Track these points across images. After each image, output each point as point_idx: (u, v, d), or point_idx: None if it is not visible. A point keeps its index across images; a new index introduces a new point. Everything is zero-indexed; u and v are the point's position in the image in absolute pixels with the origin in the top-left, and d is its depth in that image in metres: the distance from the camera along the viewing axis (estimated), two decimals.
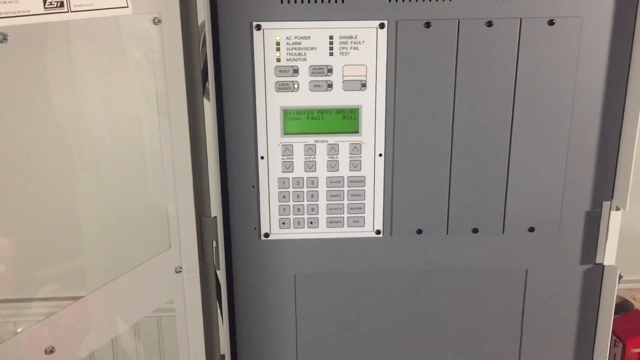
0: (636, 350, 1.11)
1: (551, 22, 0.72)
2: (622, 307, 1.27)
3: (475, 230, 0.80)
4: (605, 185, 0.79)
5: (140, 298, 0.70)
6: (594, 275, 0.83)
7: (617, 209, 0.78)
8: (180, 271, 0.75)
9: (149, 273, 0.70)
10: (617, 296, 1.22)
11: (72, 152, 0.67)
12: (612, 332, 1.13)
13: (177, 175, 0.72)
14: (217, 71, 0.72)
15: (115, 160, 0.69)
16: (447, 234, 0.80)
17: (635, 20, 0.72)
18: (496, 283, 0.83)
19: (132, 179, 0.71)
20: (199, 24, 0.71)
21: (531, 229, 0.80)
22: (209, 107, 0.73)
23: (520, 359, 0.86)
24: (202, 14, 0.69)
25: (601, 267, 0.82)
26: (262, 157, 0.76)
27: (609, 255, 0.80)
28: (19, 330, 0.62)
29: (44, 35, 0.55)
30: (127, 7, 0.61)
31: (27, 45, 0.56)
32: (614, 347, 1.14)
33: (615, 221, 0.79)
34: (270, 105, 0.74)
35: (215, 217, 0.76)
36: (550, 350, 0.86)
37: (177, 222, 0.73)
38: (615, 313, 1.19)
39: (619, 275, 1.21)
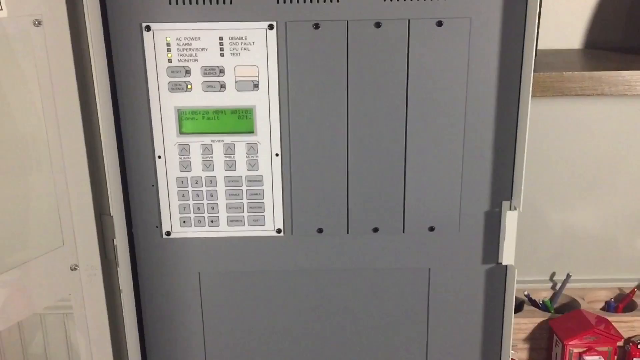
0: (575, 350, 1.11)
1: (439, 23, 0.72)
2: (570, 306, 1.27)
3: (375, 230, 0.80)
4: (504, 185, 0.79)
5: (29, 295, 0.71)
6: (498, 275, 0.83)
7: (514, 208, 0.79)
8: (76, 268, 0.76)
9: (38, 270, 0.71)
10: (566, 295, 1.23)
11: None
12: (553, 331, 1.14)
13: (71, 175, 0.73)
14: (110, 71, 0.74)
15: (4, 159, 0.70)
16: (347, 233, 0.81)
17: (525, 19, 0.72)
18: (399, 282, 0.83)
19: (18, 178, 0.72)
20: (88, 25, 0.72)
21: (431, 229, 0.80)
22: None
23: (427, 359, 0.87)
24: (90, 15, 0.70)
25: (504, 267, 0.83)
26: (159, 157, 0.77)
27: (507, 255, 0.80)
28: None
29: None
30: (2, 9, 0.62)
31: None
32: (555, 346, 1.15)
33: (511, 221, 0.79)
34: (164, 106, 0.75)
35: (113, 215, 0.77)
36: (457, 349, 0.86)
37: (71, 220, 0.74)
38: (561, 312, 1.20)
39: (568, 274, 1.22)
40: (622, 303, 1.19)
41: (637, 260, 1.25)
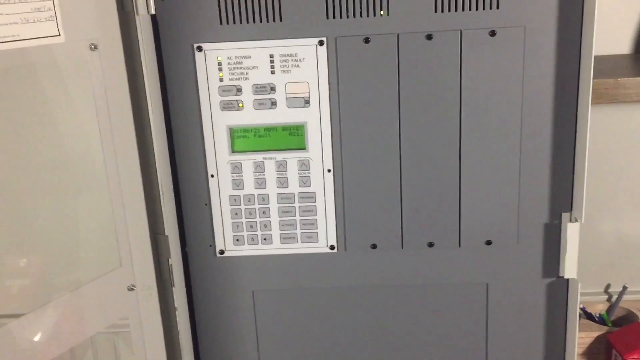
0: None
1: (493, 33, 0.71)
2: (627, 319, 1.23)
3: (430, 244, 0.79)
4: (563, 196, 0.77)
5: (89, 316, 0.72)
6: (559, 289, 0.80)
7: (575, 220, 0.76)
8: (133, 289, 0.76)
9: (97, 291, 0.72)
10: (622, 308, 1.19)
11: (20, 173, 0.70)
12: (612, 345, 1.10)
13: (127, 195, 0.74)
14: (163, 92, 0.74)
15: (59, 181, 0.71)
16: (402, 248, 0.79)
17: (582, 25, 0.70)
18: (456, 297, 0.81)
19: (77, 200, 0.73)
20: (141, 47, 0.72)
21: (488, 242, 0.79)
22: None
23: None
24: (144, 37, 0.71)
25: (566, 280, 0.80)
26: (212, 176, 0.78)
27: (569, 268, 0.78)
28: None
29: None
30: (59, 35, 0.64)
31: None
32: None
33: (572, 233, 0.76)
34: (216, 125, 0.76)
35: (168, 235, 0.77)
36: None
37: (127, 241, 0.75)
38: (619, 325, 1.16)
39: (624, 286, 1.18)
40: None
41: None
